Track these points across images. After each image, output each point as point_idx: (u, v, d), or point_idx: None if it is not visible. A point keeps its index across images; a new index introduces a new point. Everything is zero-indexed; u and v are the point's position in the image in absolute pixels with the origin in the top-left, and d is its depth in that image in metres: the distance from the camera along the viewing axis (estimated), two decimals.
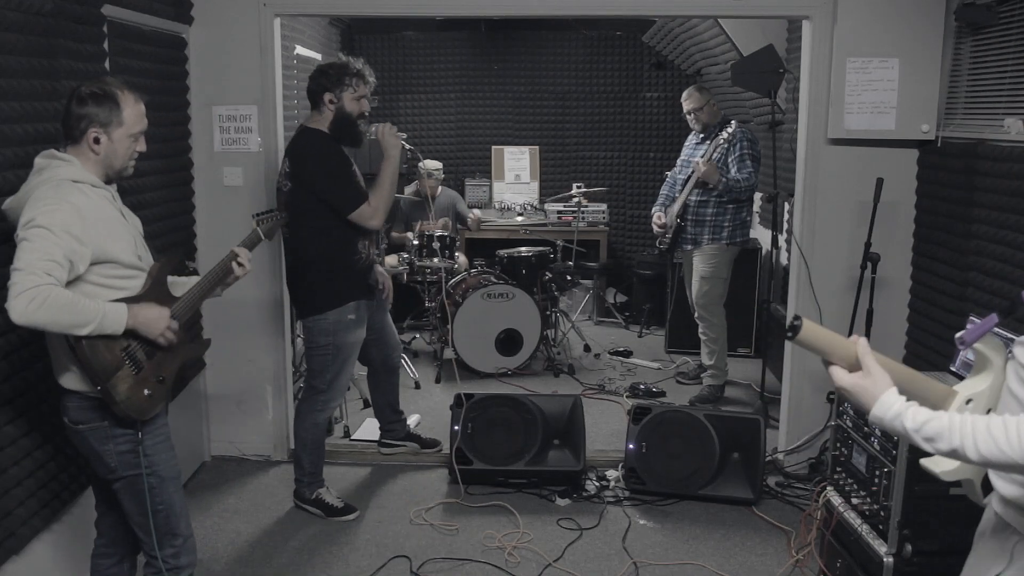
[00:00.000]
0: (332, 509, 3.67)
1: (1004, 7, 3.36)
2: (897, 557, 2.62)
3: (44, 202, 2.14)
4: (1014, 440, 1.35)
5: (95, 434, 2.33)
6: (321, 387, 3.64)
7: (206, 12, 3.92)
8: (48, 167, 2.24)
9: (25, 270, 2.06)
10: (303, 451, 3.70)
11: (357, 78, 3.49)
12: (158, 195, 3.61)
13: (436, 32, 7.41)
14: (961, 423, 1.40)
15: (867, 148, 3.93)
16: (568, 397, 4.06)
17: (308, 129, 3.52)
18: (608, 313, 6.94)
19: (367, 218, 3.48)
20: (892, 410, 1.47)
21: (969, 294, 3.47)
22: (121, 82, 2.36)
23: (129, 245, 2.34)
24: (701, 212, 4.88)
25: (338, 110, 3.48)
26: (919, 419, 1.44)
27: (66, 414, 2.35)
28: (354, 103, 3.49)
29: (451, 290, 5.62)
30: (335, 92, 3.46)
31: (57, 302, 2.07)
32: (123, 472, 2.37)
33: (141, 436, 2.35)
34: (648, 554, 3.41)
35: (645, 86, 7.40)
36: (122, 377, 2.25)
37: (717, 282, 4.93)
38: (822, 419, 3.97)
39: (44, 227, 2.10)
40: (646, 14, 5.51)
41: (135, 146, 2.36)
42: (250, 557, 3.38)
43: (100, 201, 2.28)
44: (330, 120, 3.49)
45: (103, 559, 2.62)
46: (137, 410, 2.30)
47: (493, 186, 7.43)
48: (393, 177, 3.54)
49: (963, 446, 1.39)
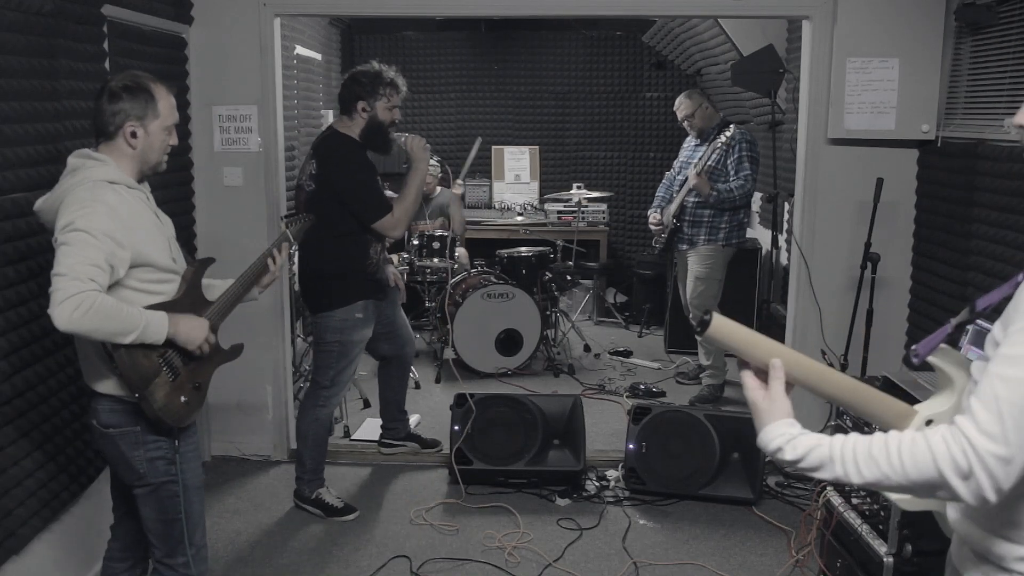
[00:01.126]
0: (332, 509, 3.67)
1: (1004, 7, 3.36)
2: (897, 557, 2.62)
3: (81, 204, 2.09)
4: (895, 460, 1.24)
5: (126, 439, 2.28)
6: (325, 383, 3.65)
7: (206, 12, 3.92)
8: (83, 167, 2.19)
9: (68, 275, 2.01)
10: (305, 448, 3.71)
11: (391, 87, 3.54)
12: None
13: (436, 32, 7.41)
14: (842, 448, 1.30)
15: (867, 148, 3.93)
16: (568, 397, 4.06)
17: (339, 134, 3.54)
18: (608, 313, 6.94)
19: (389, 228, 3.53)
20: (773, 443, 1.37)
21: (969, 294, 3.46)
22: (151, 75, 2.31)
23: (164, 247, 2.29)
24: (698, 213, 4.88)
25: (371, 118, 3.51)
26: (799, 450, 1.34)
27: (95, 417, 2.29)
28: (386, 112, 3.53)
29: (451, 290, 5.62)
30: (369, 100, 3.49)
31: (102, 309, 2.02)
32: (151, 479, 2.31)
33: (178, 444, 2.31)
34: (648, 554, 3.41)
35: (645, 86, 7.40)
36: (159, 384, 2.21)
37: (712, 283, 4.93)
38: (822, 419, 3.97)
39: (84, 230, 2.05)
40: (646, 14, 5.51)
41: (169, 139, 2.33)
42: (250, 557, 3.38)
43: (135, 203, 2.23)
44: (361, 127, 3.52)
45: (116, 563, 2.57)
46: (175, 417, 2.26)
47: (493, 186, 7.43)
48: (419, 189, 3.58)
49: (846, 473, 1.29)
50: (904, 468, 1.23)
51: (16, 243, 2.54)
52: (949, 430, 1.21)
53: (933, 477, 1.20)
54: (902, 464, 1.23)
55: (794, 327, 4.14)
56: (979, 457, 1.16)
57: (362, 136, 3.53)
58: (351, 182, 3.47)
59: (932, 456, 1.20)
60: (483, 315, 5.35)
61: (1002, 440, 1.15)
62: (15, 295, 2.54)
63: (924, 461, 1.21)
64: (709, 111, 4.98)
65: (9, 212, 2.50)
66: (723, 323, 1.41)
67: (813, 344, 4.03)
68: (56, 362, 2.76)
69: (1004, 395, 1.15)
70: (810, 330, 4.06)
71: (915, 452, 1.22)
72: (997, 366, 1.19)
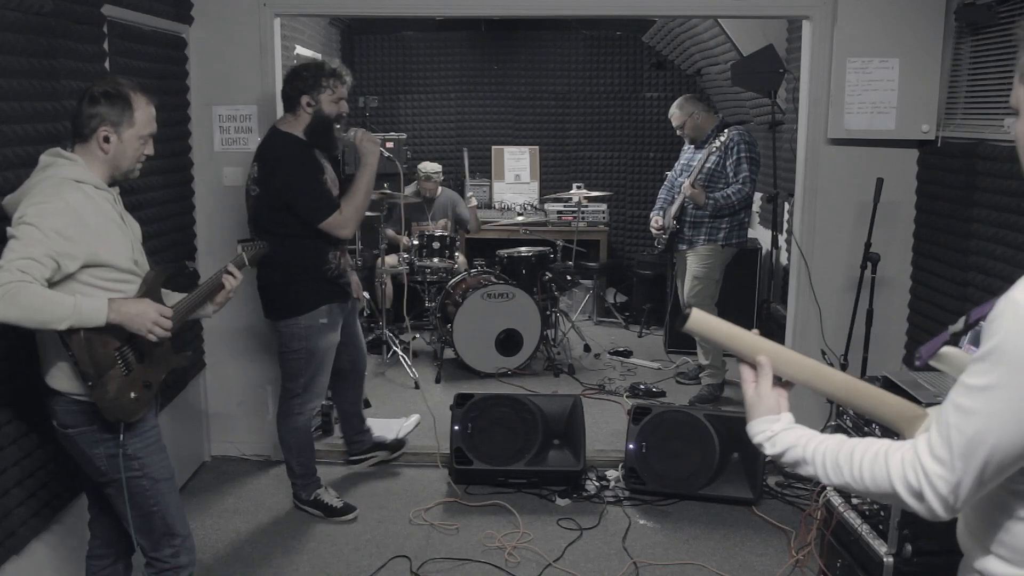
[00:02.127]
0: (331, 509, 3.66)
1: (1004, 7, 3.36)
2: (897, 557, 2.62)
3: (38, 199, 2.13)
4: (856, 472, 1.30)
5: (83, 438, 2.33)
6: (296, 390, 3.58)
7: (206, 12, 3.92)
8: (52, 165, 2.23)
9: (3, 267, 2.05)
10: (290, 456, 3.67)
11: (335, 79, 3.37)
12: (158, 195, 3.61)
13: (436, 32, 7.41)
14: (815, 451, 1.37)
15: (867, 148, 3.93)
16: (568, 397, 4.05)
17: (280, 132, 3.40)
18: (608, 313, 6.94)
19: (337, 228, 3.36)
20: (756, 438, 1.46)
21: (969, 294, 3.47)
22: (134, 83, 2.35)
23: (125, 250, 2.32)
24: (698, 215, 4.87)
25: (316, 113, 3.36)
26: (778, 447, 1.42)
27: (55, 417, 2.34)
28: (332, 105, 3.37)
29: (451, 290, 5.62)
30: (313, 94, 3.34)
31: (23, 298, 2.04)
32: (112, 475, 2.36)
33: (123, 439, 2.33)
34: (648, 554, 3.41)
35: (645, 86, 7.41)
36: (113, 376, 2.25)
37: (709, 283, 4.92)
38: (822, 419, 3.97)
39: (31, 224, 2.09)
40: (646, 14, 5.51)
41: (143, 149, 2.36)
42: (250, 557, 3.38)
43: (101, 203, 2.27)
44: (306, 123, 3.37)
45: (97, 560, 2.61)
46: (123, 412, 2.29)
47: (493, 186, 7.43)
48: (369, 185, 3.41)
49: (816, 474, 1.37)
50: (863, 480, 1.29)
51: None
52: (911, 449, 1.25)
53: (888, 491, 1.26)
54: (862, 476, 1.29)
55: (794, 327, 4.14)
56: (928, 479, 1.21)
57: (307, 132, 3.36)
58: (292, 182, 3.31)
59: (888, 473, 1.26)
60: (483, 315, 5.35)
61: (949, 466, 1.19)
62: None
63: (881, 477, 1.27)
64: (700, 119, 4.95)
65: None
66: (702, 317, 1.47)
67: (813, 344, 4.03)
68: None
69: (955, 423, 1.18)
70: (810, 330, 4.06)
71: (875, 467, 1.28)
72: (955, 393, 1.21)
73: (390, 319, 5.79)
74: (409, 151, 6.75)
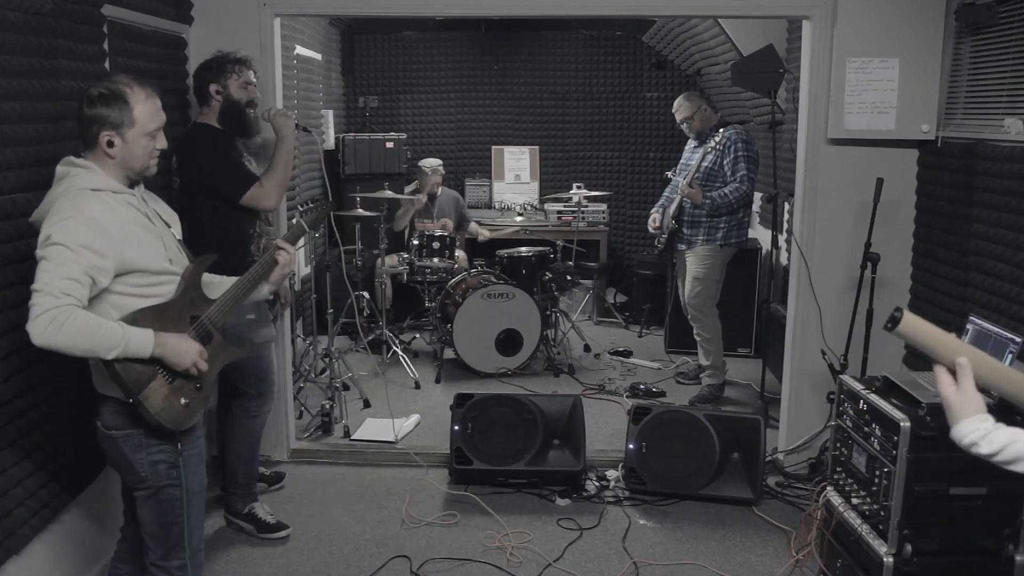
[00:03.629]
0: (264, 525, 3.51)
1: (1004, 7, 3.36)
2: (897, 557, 2.62)
3: (60, 217, 2.09)
4: None
5: (128, 441, 2.26)
6: (247, 391, 3.49)
7: (206, 12, 3.92)
8: (68, 175, 2.19)
9: (44, 291, 2.01)
10: (238, 462, 3.53)
11: (239, 64, 3.43)
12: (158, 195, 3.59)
13: (436, 32, 7.41)
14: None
15: (867, 148, 3.93)
16: (568, 397, 4.05)
17: (196, 124, 3.47)
18: (608, 313, 6.94)
19: (260, 199, 3.34)
20: (968, 438, 1.51)
21: (969, 294, 3.47)
22: (131, 79, 2.28)
23: (157, 250, 2.27)
24: (697, 213, 4.87)
25: (225, 99, 3.40)
26: (995, 444, 1.48)
27: (100, 418, 2.29)
28: (241, 90, 3.42)
29: (451, 290, 5.62)
30: (219, 82, 3.39)
31: (75, 325, 2.02)
32: (153, 482, 2.30)
33: (180, 447, 2.28)
34: (648, 554, 3.41)
35: (645, 86, 7.41)
36: (155, 388, 2.18)
37: (710, 283, 4.92)
38: (822, 419, 3.97)
39: (61, 244, 2.05)
40: (646, 14, 5.51)
41: (153, 144, 2.29)
42: (250, 557, 3.38)
43: (122, 208, 2.21)
44: (218, 111, 3.41)
45: (123, 564, 2.57)
46: (173, 421, 2.22)
47: (493, 186, 7.43)
48: (287, 157, 3.43)
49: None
50: None
51: (16, 243, 2.54)
52: None
53: None
54: None
55: (794, 327, 4.14)
56: None
57: (220, 120, 3.40)
58: (207, 162, 3.32)
59: None
60: (483, 315, 5.35)
61: None
62: (16, 295, 2.53)
63: None
64: (708, 113, 4.98)
65: (9, 212, 2.50)
66: (913, 320, 1.53)
67: (813, 344, 4.03)
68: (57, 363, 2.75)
69: None
70: (810, 330, 4.06)
71: None
72: None
73: (390, 319, 5.79)
74: (409, 151, 6.76)
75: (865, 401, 2.86)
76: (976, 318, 2.88)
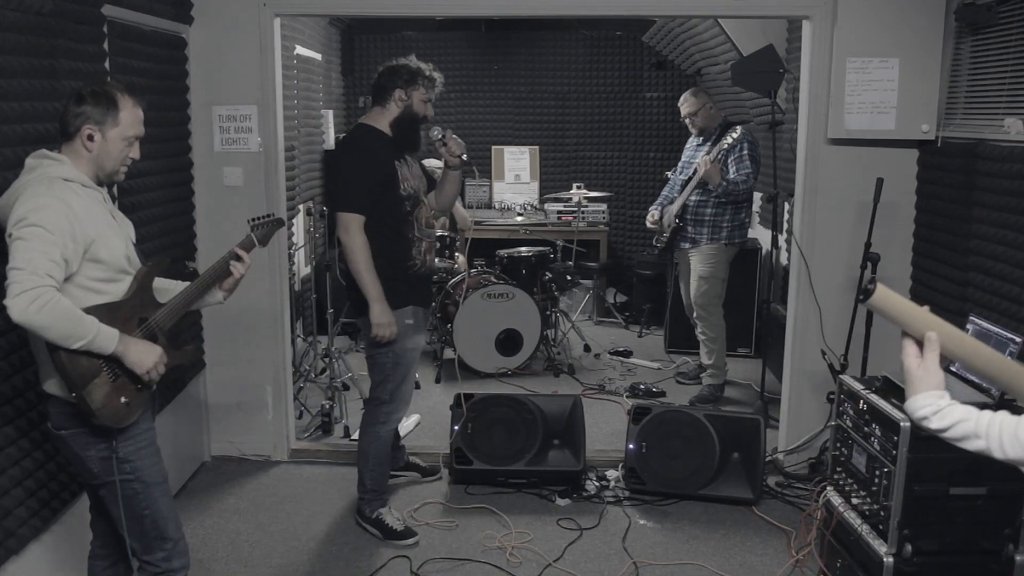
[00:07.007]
0: (391, 531, 3.49)
1: (1004, 7, 3.36)
2: (897, 557, 2.63)
3: (36, 199, 2.11)
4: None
5: (75, 440, 2.30)
6: (384, 397, 3.48)
7: (206, 12, 3.92)
8: (39, 166, 2.22)
9: (26, 269, 2.02)
10: (365, 467, 3.53)
11: (429, 81, 3.46)
12: (158, 195, 3.61)
13: (436, 32, 7.41)
14: (988, 425, 1.45)
15: (867, 148, 3.93)
16: (568, 397, 4.05)
17: (362, 124, 3.47)
18: (608, 313, 6.94)
19: (341, 227, 3.27)
20: (920, 411, 1.52)
21: (969, 294, 3.47)
22: (124, 86, 2.33)
23: (119, 248, 2.30)
24: (700, 212, 4.88)
25: (406, 108, 3.42)
26: (946, 420, 1.49)
27: (49, 419, 2.33)
28: (422, 104, 3.45)
29: (451, 290, 5.62)
30: (407, 90, 3.41)
31: (57, 309, 2.04)
32: (105, 478, 2.34)
33: (116, 444, 2.30)
34: (648, 554, 3.41)
35: (645, 86, 7.41)
36: (98, 384, 2.20)
37: (715, 282, 4.93)
38: (822, 419, 3.97)
39: (40, 225, 2.07)
40: (646, 14, 5.51)
41: (128, 151, 2.32)
42: (250, 557, 3.38)
43: (90, 201, 2.24)
44: (394, 116, 3.42)
45: (98, 560, 2.60)
46: (112, 418, 2.25)
47: (493, 186, 7.43)
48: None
49: (989, 448, 1.45)
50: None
51: None
52: None
53: None
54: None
55: (794, 327, 4.14)
56: None
57: (393, 126, 3.42)
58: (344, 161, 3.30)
59: None
60: (483, 315, 5.35)
61: None
62: None
63: None
64: (713, 110, 4.98)
65: None
66: (885, 293, 1.56)
67: (813, 344, 4.03)
68: None
69: None
70: (810, 330, 4.06)
71: None
72: None
73: None
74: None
75: (865, 401, 2.86)
76: (976, 318, 2.88)
